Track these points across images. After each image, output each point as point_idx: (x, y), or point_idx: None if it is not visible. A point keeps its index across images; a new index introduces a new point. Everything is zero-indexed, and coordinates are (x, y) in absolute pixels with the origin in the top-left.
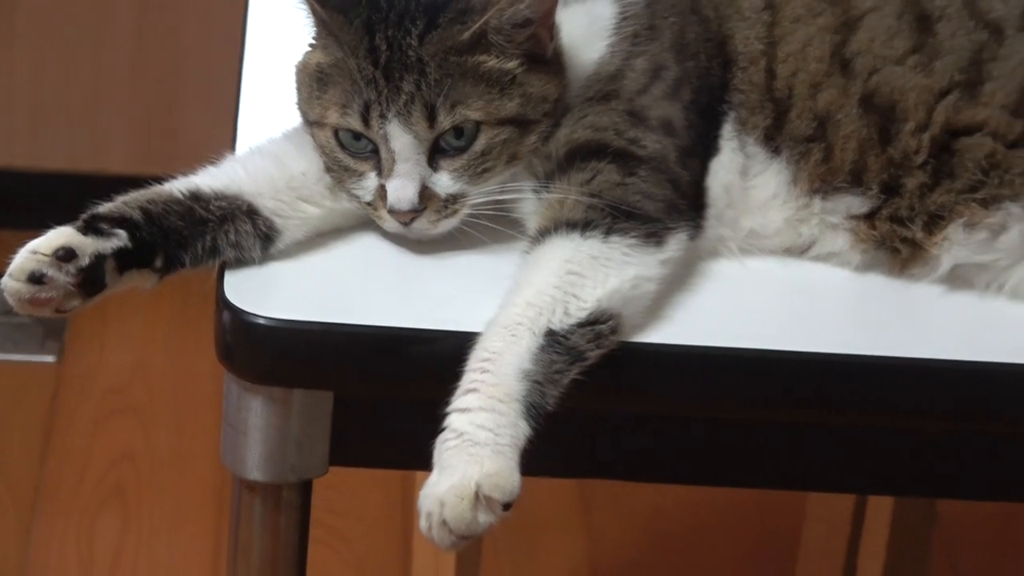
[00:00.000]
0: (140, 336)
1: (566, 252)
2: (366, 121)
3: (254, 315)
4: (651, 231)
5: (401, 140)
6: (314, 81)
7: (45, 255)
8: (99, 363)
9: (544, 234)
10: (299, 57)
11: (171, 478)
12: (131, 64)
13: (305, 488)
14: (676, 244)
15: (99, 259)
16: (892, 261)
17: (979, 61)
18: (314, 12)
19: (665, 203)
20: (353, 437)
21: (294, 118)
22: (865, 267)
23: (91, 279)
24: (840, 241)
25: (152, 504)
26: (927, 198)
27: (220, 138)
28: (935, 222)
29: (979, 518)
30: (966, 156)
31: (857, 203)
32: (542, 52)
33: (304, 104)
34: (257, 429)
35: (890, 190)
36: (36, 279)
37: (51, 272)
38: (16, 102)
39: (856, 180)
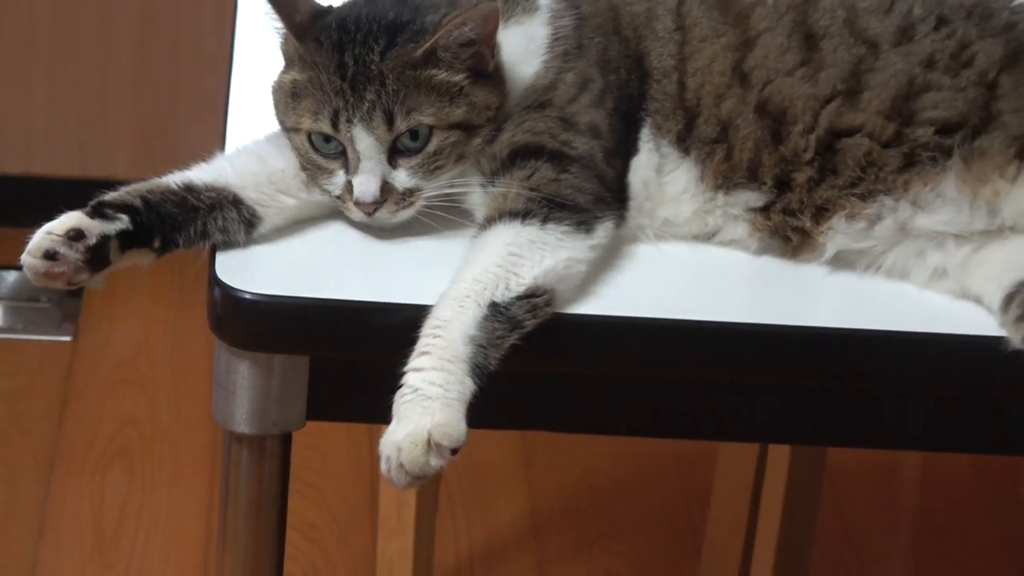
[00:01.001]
0: (143, 318)
1: (508, 237)
2: (335, 125)
3: (241, 291)
4: (582, 220)
5: (365, 142)
6: (289, 96)
7: (58, 235)
8: (108, 341)
9: (490, 222)
10: (275, 77)
11: (170, 440)
12: (134, 84)
13: (286, 440)
14: (603, 231)
15: (104, 239)
16: (784, 247)
17: (858, 72)
18: (288, 42)
19: (594, 196)
20: (326, 395)
21: (273, 125)
22: (761, 251)
23: (97, 256)
24: (740, 230)
25: (154, 462)
26: (814, 192)
27: (211, 147)
28: (821, 214)
29: (861, 467)
30: (847, 155)
31: (754, 198)
32: (485, 67)
33: (281, 115)
34: (244, 389)
35: (782, 185)
36: (50, 255)
37: (63, 250)
38: (34, 118)
39: (753, 176)
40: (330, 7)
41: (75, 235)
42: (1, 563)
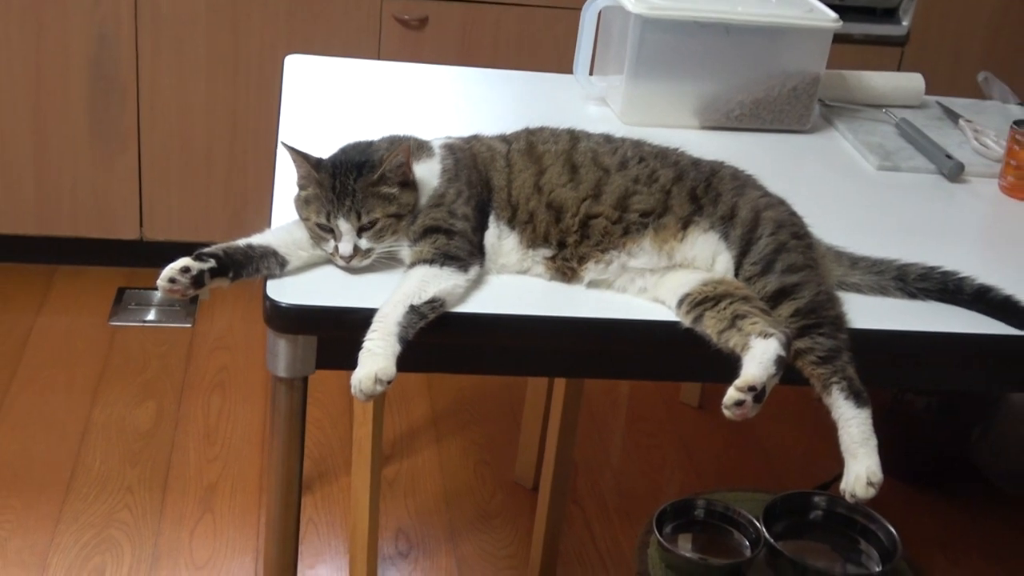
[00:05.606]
0: (230, 314)
1: (422, 273)
2: (328, 220)
3: (280, 302)
4: (462, 265)
5: (344, 227)
6: (302, 202)
7: (175, 269)
8: (211, 326)
9: (413, 265)
10: (295, 193)
11: (244, 378)
12: (225, 189)
13: (305, 380)
14: (473, 271)
15: (201, 272)
16: (563, 278)
17: (599, 185)
18: (310, 174)
19: (468, 252)
20: (326, 355)
21: (294, 215)
22: (551, 279)
23: (197, 281)
24: (540, 269)
25: (237, 391)
26: (577, 249)
27: (264, 224)
28: (581, 260)
29: (601, 386)
30: (594, 229)
31: (547, 252)
32: (407, 180)
33: (299, 212)
34: (282, 353)
35: (561, 245)
36: (171, 281)
37: (178, 277)
38: (171, 208)
39: (546, 240)
40: (321, 157)
41: (184, 270)
42: (153, 446)
